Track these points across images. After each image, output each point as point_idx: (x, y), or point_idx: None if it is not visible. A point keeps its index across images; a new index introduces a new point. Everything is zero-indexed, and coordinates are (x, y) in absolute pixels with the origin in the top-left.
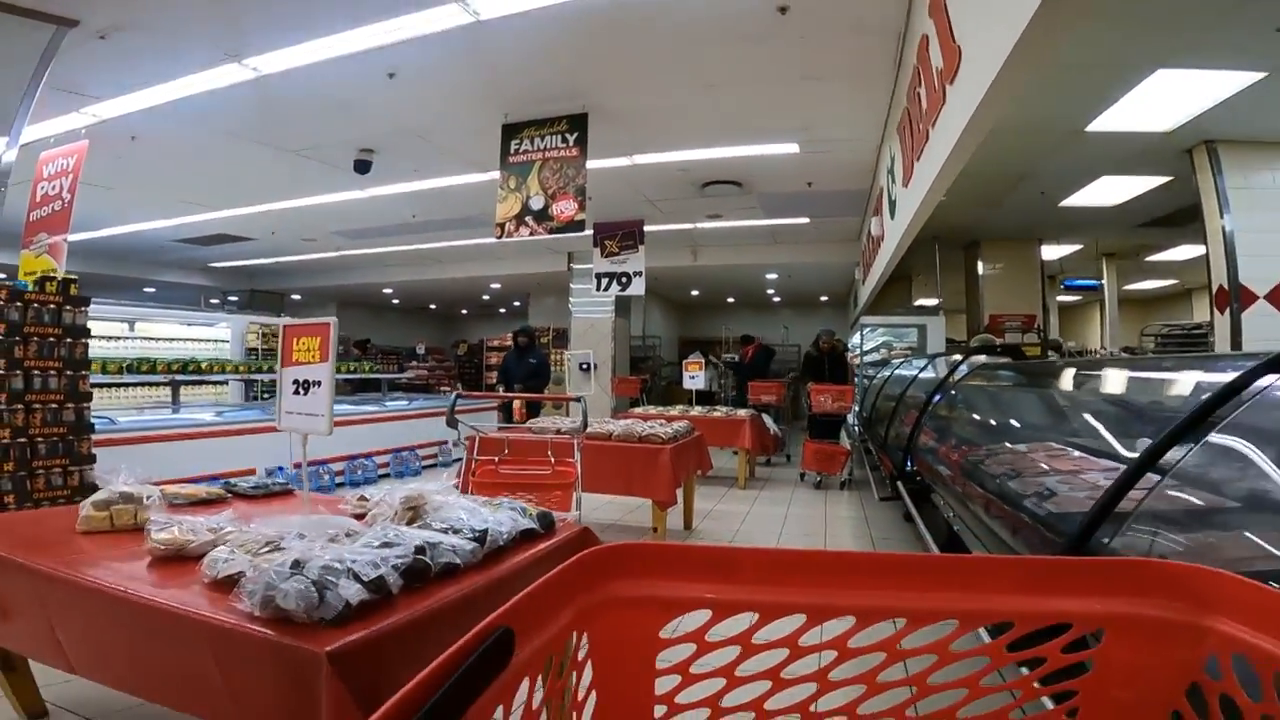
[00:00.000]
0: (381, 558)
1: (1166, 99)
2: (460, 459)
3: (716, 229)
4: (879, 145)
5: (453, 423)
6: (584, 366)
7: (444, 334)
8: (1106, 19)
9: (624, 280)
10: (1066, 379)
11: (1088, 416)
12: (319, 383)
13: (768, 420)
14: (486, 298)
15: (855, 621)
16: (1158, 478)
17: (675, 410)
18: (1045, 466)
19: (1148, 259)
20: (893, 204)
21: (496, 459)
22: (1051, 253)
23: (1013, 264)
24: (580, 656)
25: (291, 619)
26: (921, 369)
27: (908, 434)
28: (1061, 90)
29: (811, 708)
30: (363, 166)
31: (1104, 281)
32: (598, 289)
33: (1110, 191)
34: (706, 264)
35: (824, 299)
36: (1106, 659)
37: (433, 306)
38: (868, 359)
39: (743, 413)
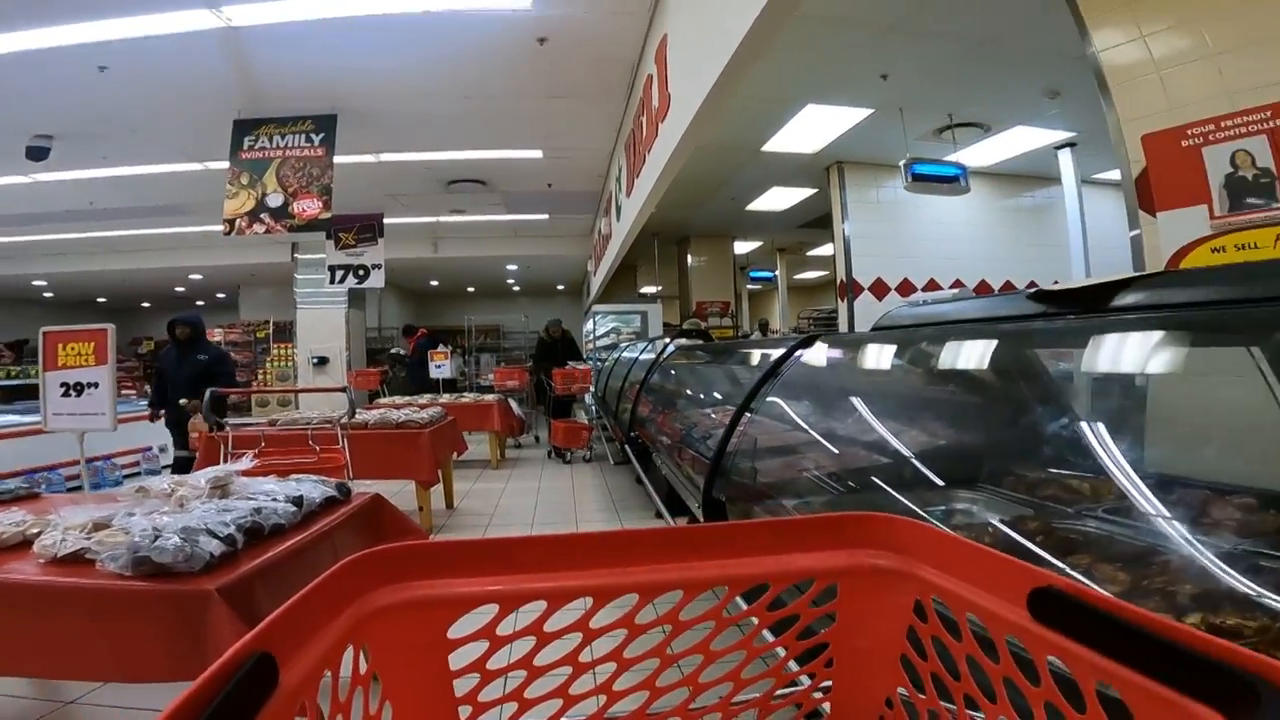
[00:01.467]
0: (224, 521)
1: (813, 128)
2: (168, 465)
3: (459, 222)
4: (611, 154)
5: (215, 424)
6: (315, 360)
7: (121, 332)
8: (776, 65)
9: (361, 273)
10: (724, 354)
11: (729, 379)
12: (96, 384)
13: (513, 404)
14: (181, 289)
15: (639, 598)
16: (748, 415)
17: (424, 399)
18: (711, 417)
19: (808, 254)
20: (618, 208)
21: (253, 453)
22: (742, 248)
23: (714, 257)
24: (364, 671)
25: (170, 570)
26: (641, 351)
27: (630, 406)
28: (747, 117)
29: (614, 686)
30: (37, 153)
31: (777, 272)
32: (332, 281)
33: (779, 199)
34: (448, 255)
35: (561, 288)
36: (846, 610)
37: (101, 300)
38: (600, 343)
39: (490, 398)
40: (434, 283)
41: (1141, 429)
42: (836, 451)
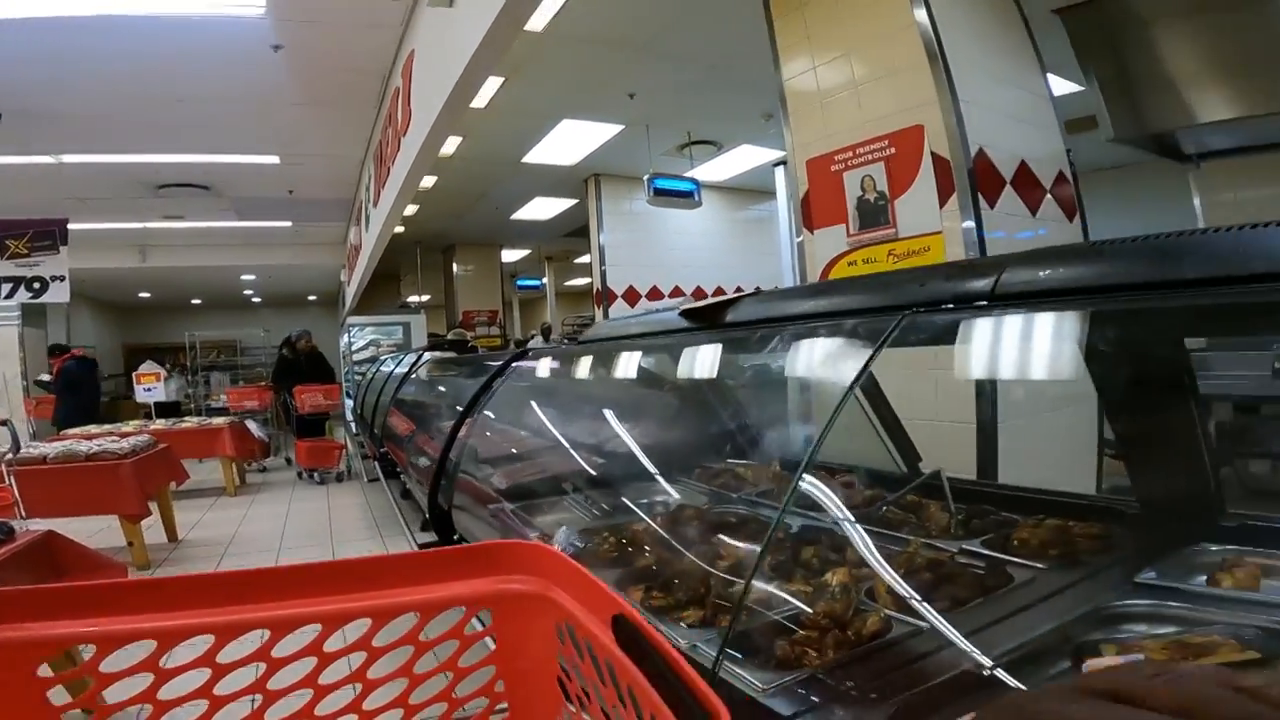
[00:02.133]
0: None
1: (571, 141)
2: None
3: (176, 229)
4: (362, 163)
5: None
6: None
7: None
8: (534, 80)
9: (38, 285)
10: (460, 367)
11: (458, 392)
12: None
13: (253, 426)
14: None
15: (270, 634)
16: (468, 424)
17: (129, 426)
18: (441, 429)
19: (575, 261)
20: (367, 218)
21: None
22: (510, 256)
23: (481, 266)
24: None
25: None
26: (396, 364)
27: (382, 421)
28: (507, 130)
29: (316, 710)
30: None
31: (545, 280)
32: None
33: (543, 209)
34: (161, 265)
35: (312, 298)
36: (503, 634)
37: None
38: (360, 356)
39: (221, 421)
40: (144, 295)
41: (785, 421)
42: (546, 455)
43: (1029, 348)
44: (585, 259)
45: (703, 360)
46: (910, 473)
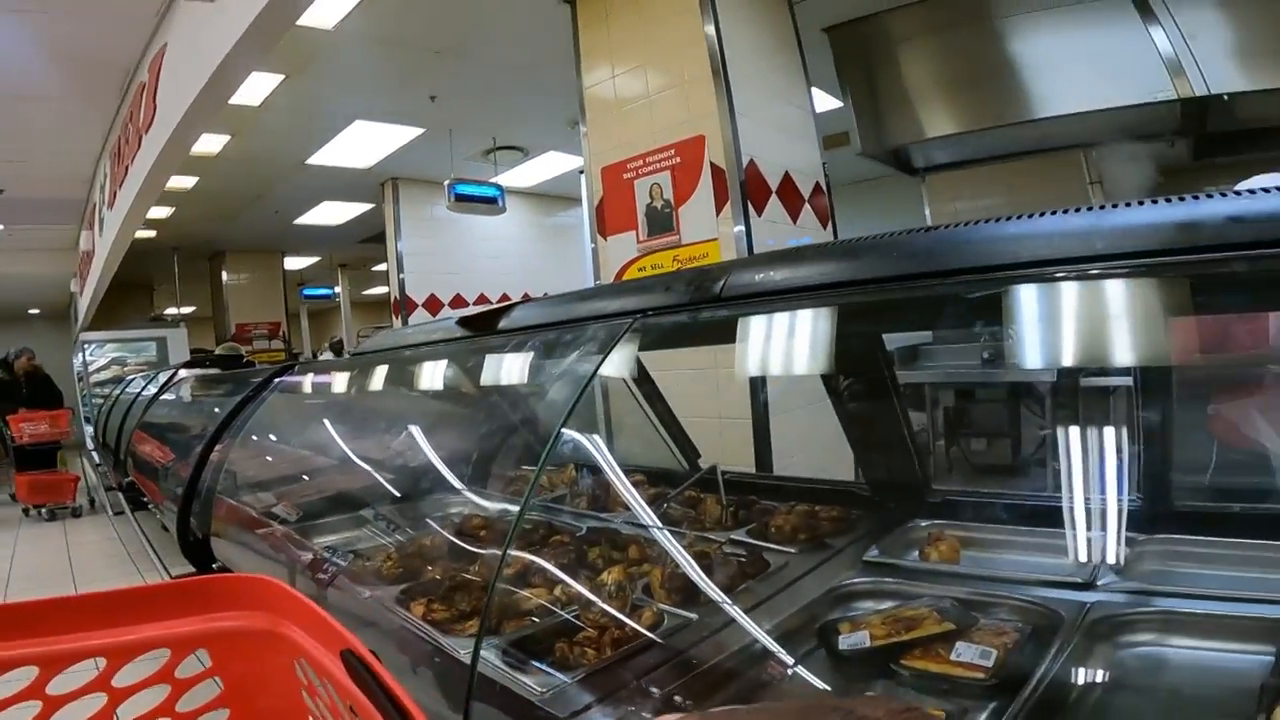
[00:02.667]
0: None
1: (364, 143)
2: None
3: None
4: (97, 161)
5: None
6: None
7: None
8: (320, 79)
9: None
10: (221, 384)
11: (214, 411)
12: None
13: None
14: None
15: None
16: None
17: None
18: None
19: (374, 269)
20: (102, 221)
21: None
22: (297, 263)
23: (258, 274)
24: None
25: None
26: (146, 385)
27: (126, 448)
28: (287, 130)
29: None
30: None
31: (338, 289)
32: None
33: (333, 213)
34: None
35: (35, 312)
36: (229, 673)
37: None
38: (101, 377)
39: None
40: None
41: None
42: (322, 473)
43: (770, 345)
44: (383, 266)
45: (486, 367)
46: (691, 470)
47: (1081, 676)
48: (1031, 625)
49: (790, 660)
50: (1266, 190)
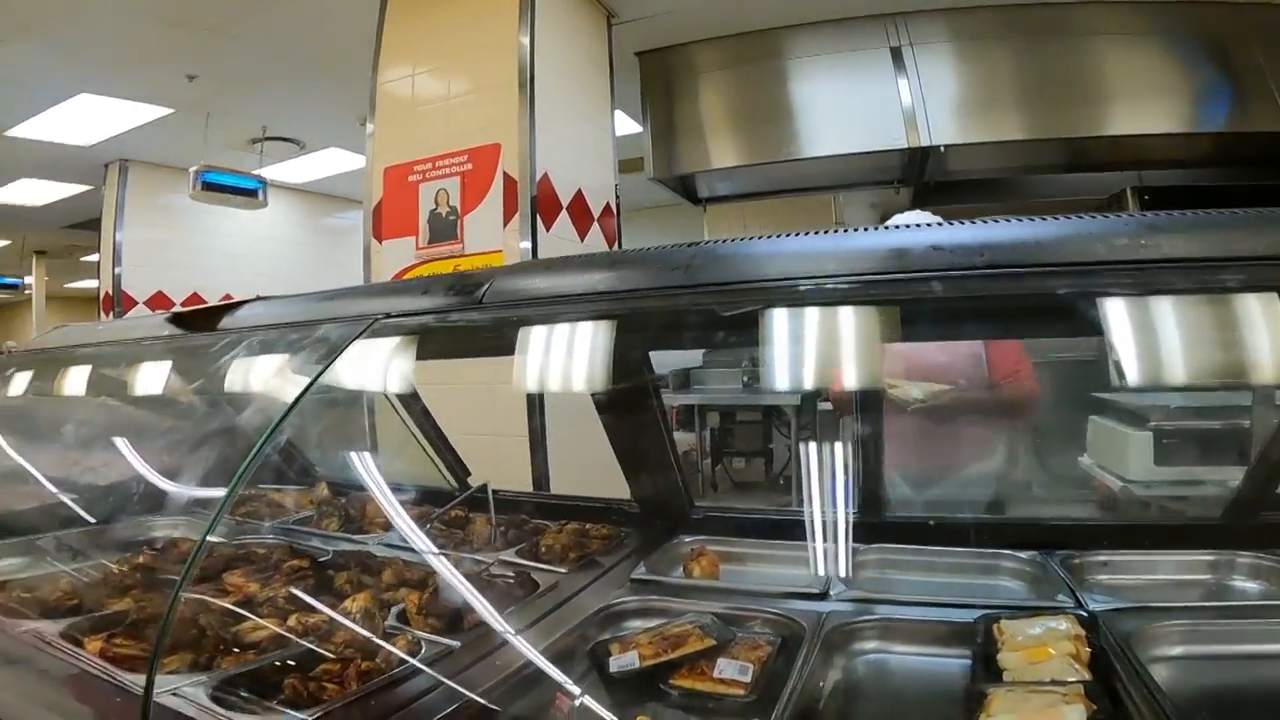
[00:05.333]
0: None
1: (89, 118)
2: None
3: None
4: None
5: None
6: None
7: None
8: (36, 40)
9: None
10: None
11: None
12: None
13: None
14: None
15: None
16: None
17: None
18: None
19: (83, 259)
20: None
21: None
22: None
23: None
24: None
25: None
26: None
27: None
28: None
29: None
30: None
31: (29, 279)
32: None
33: (35, 192)
34: None
35: None
36: None
37: None
38: None
39: None
40: None
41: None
42: None
43: (542, 359)
44: (93, 257)
45: (198, 371)
46: (460, 487)
47: (824, 687)
48: (780, 637)
49: (564, 685)
50: (909, 226)
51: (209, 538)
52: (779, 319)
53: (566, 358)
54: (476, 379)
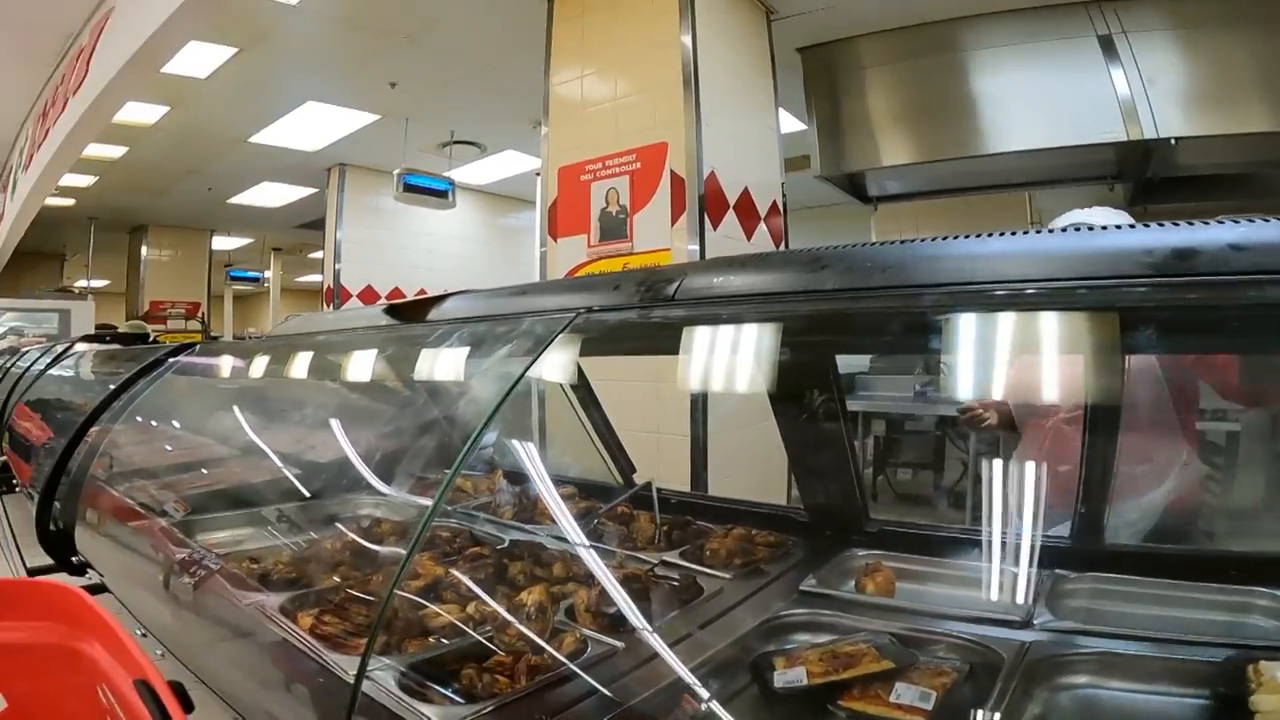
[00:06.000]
0: None
1: (314, 125)
2: None
3: None
4: (21, 123)
5: None
6: None
7: None
8: (272, 56)
9: None
10: (119, 363)
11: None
12: None
13: None
14: None
15: None
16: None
17: None
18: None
19: (310, 256)
20: (14, 185)
21: None
22: (226, 244)
23: (183, 251)
24: None
25: None
26: (38, 358)
27: (4, 424)
28: (231, 105)
29: None
30: None
31: (268, 273)
32: None
33: (272, 195)
34: None
35: None
36: (13, 691)
37: None
38: None
39: None
40: None
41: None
42: (219, 464)
43: (718, 358)
44: (320, 254)
45: (408, 359)
46: (625, 485)
47: None
48: (969, 664)
49: (716, 697)
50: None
51: (432, 521)
52: (979, 324)
53: (748, 357)
54: (643, 375)
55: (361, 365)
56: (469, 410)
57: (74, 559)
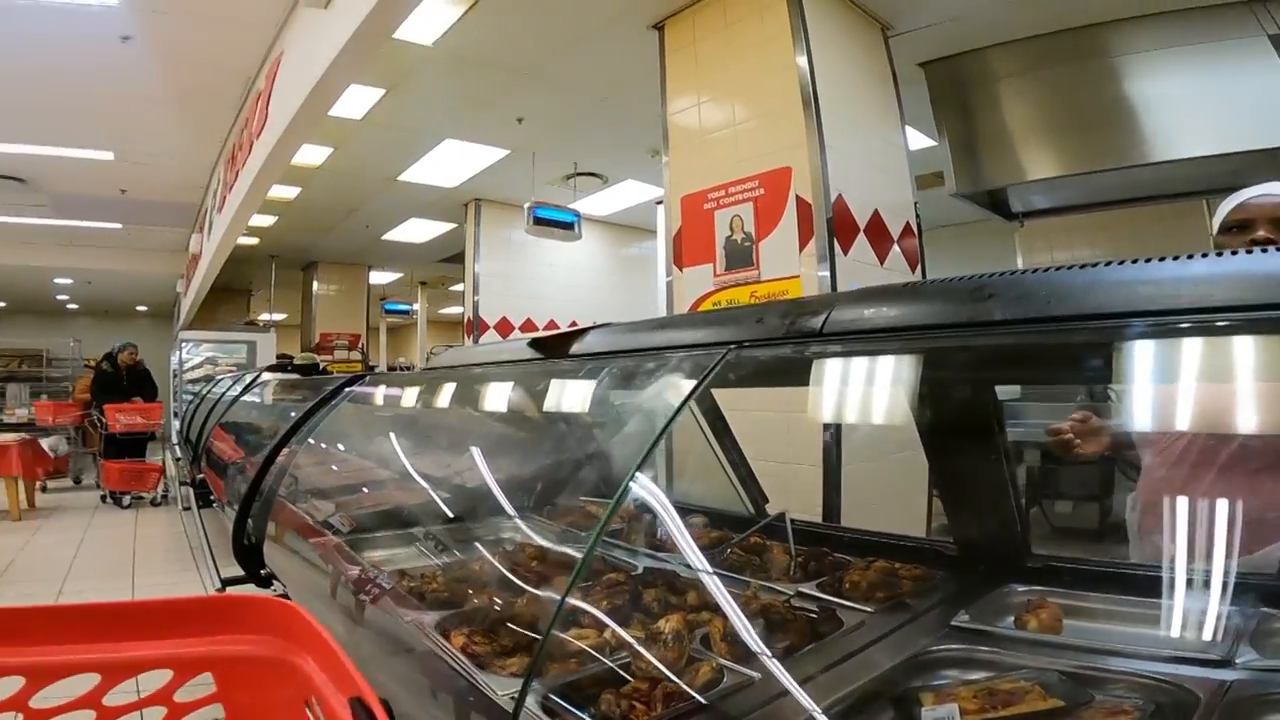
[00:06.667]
0: None
1: (452, 162)
2: None
3: None
4: (213, 167)
5: None
6: None
7: None
8: (414, 96)
9: None
10: (293, 390)
11: (284, 416)
12: None
13: (46, 442)
14: None
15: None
16: (288, 451)
17: None
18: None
19: (451, 288)
20: (211, 225)
21: None
22: (381, 278)
23: (346, 286)
24: None
25: None
26: (230, 386)
27: (203, 445)
28: (382, 145)
29: None
30: None
31: (416, 306)
32: None
33: (418, 230)
34: None
35: (142, 309)
36: (233, 702)
37: None
38: (193, 375)
39: (9, 437)
40: None
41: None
42: (380, 487)
43: (864, 388)
44: (461, 287)
45: (553, 392)
46: (757, 515)
47: None
48: (1155, 703)
49: None
50: None
51: (586, 564)
52: (1164, 351)
53: (893, 388)
54: (774, 405)
55: (510, 397)
56: (620, 446)
57: (262, 571)
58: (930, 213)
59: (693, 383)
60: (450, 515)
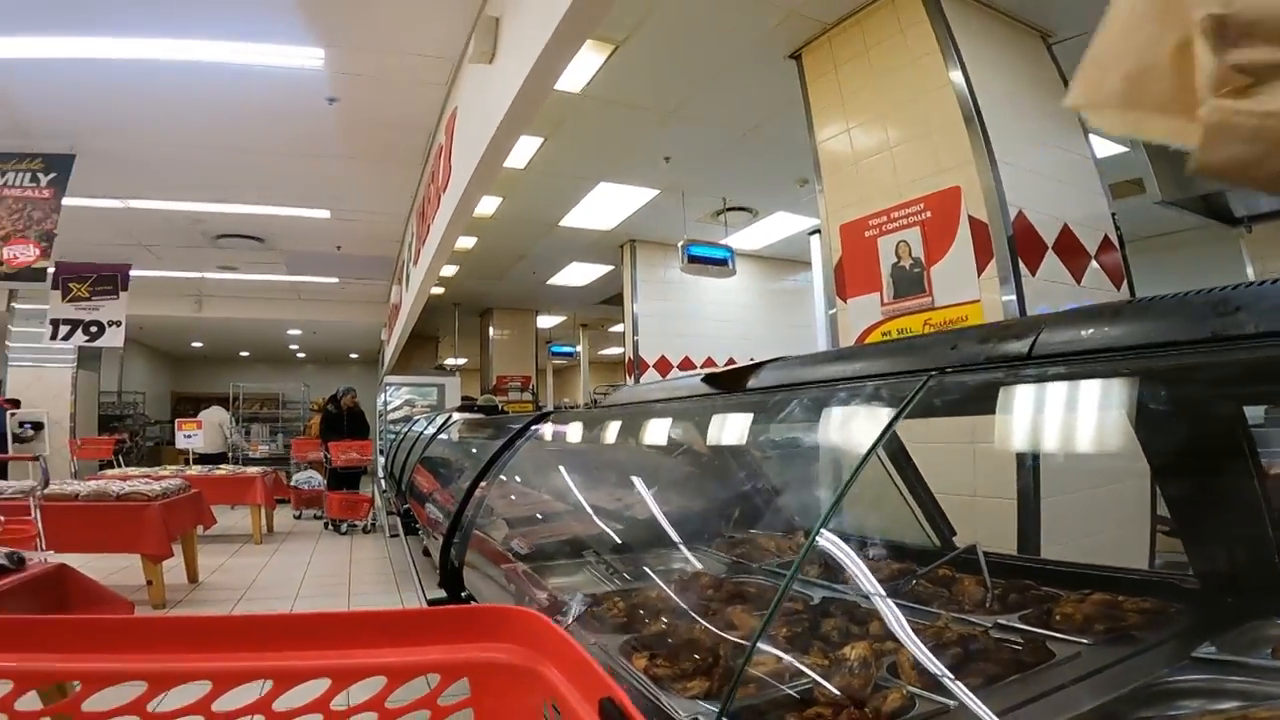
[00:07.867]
0: None
1: (607, 205)
2: None
3: (230, 280)
4: (406, 220)
5: None
6: (24, 426)
7: None
8: (570, 142)
9: (94, 330)
10: (483, 428)
11: (481, 451)
12: None
13: (299, 478)
14: None
15: (273, 685)
16: (484, 484)
17: (166, 470)
18: (460, 487)
19: (610, 329)
20: (408, 277)
21: None
22: (546, 322)
23: (516, 331)
24: None
25: None
26: (426, 425)
27: (406, 478)
28: (543, 192)
29: None
30: None
31: (579, 348)
32: (54, 337)
33: (579, 274)
34: (214, 315)
35: (354, 356)
36: (482, 709)
37: None
38: (394, 415)
39: (253, 470)
40: (197, 344)
41: (809, 490)
42: (563, 517)
43: (1072, 414)
44: (619, 327)
45: (726, 426)
46: (944, 546)
47: None
48: None
49: None
50: None
51: (785, 595)
52: None
53: (1116, 412)
54: (958, 435)
55: (687, 431)
56: (815, 476)
57: (462, 593)
58: (1134, 224)
59: (891, 411)
60: (643, 543)
